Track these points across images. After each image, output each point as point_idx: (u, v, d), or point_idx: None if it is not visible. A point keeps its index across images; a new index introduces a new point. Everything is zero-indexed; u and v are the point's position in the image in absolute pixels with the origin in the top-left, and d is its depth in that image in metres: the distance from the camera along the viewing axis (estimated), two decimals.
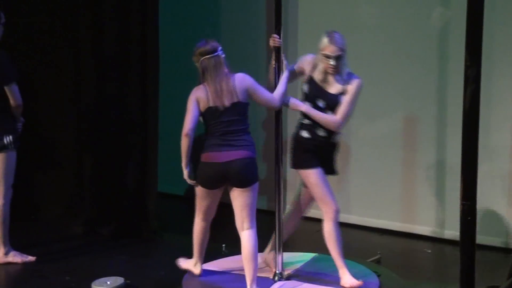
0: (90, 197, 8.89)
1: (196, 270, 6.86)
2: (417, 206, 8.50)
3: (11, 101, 7.40)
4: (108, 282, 7.05)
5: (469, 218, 3.45)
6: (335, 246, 6.67)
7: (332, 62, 6.09)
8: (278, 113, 7.12)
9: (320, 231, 8.48)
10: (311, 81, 6.33)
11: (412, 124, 8.51)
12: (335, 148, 6.61)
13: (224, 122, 6.40)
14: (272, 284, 6.87)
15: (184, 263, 6.96)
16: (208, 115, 6.47)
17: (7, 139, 7.47)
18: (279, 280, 6.91)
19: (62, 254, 8.04)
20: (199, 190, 6.70)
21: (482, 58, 3.83)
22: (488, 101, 6.83)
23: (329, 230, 6.69)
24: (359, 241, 8.36)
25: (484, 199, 6.66)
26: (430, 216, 8.40)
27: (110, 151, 8.87)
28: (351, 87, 6.25)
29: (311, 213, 8.88)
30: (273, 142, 7.27)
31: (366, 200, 8.80)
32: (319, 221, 8.74)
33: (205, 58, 6.63)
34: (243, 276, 6.87)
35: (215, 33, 9.73)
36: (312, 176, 6.40)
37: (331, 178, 8.76)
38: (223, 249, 7.88)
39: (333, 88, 6.27)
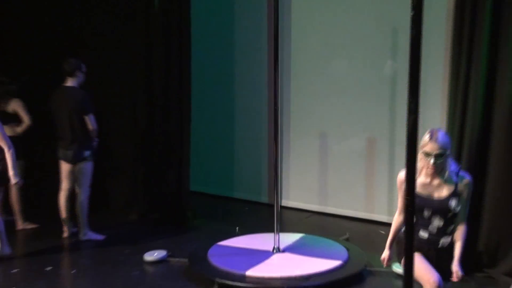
0: (143, 194, 8.91)
1: None
2: (375, 200, 8.44)
3: (89, 127, 7.51)
4: (155, 253, 7.20)
5: (410, 209, 3.51)
6: None
7: (432, 160, 4.43)
8: (275, 119, 7.06)
9: (307, 218, 8.64)
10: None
11: (372, 142, 8.45)
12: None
13: None
14: (272, 255, 6.92)
15: None
16: None
17: (87, 153, 7.59)
18: (276, 252, 6.95)
19: (123, 234, 8.12)
20: None
21: (420, 100, 3.88)
22: (423, 126, 6.84)
23: None
24: (333, 225, 8.35)
25: None
26: (384, 207, 8.28)
27: (156, 161, 8.84)
28: (465, 189, 4.55)
29: (300, 205, 9.02)
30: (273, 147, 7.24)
31: (338, 196, 8.71)
32: (307, 211, 8.92)
33: None
34: (251, 250, 7.05)
35: (230, 56, 9.64)
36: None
37: (314, 179, 8.98)
38: (237, 230, 7.90)
39: (440, 192, 4.51)
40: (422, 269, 4.46)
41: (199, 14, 8.89)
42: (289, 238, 7.40)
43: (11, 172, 6.88)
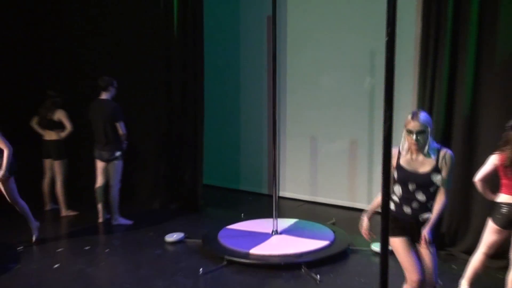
0: (164, 186, 8.92)
1: None
2: (357, 191, 8.47)
3: (120, 132, 7.59)
4: (174, 235, 7.26)
5: (386, 198, 3.46)
6: None
7: (414, 137, 4.23)
8: (274, 124, 7.04)
9: (300, 206, 8.66)
10: (398, 167, 4.36)
11: (354, 143, 8.45)
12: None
13: None
14: (271, 236, 6.99)
15: None
16: None
17: (117, 153, 7.67)
18: (275, 234, 7.03)
19: (147, 220, 8.15)
20: None
21: (394, 105, 3.79)
22: (396, 132, 6.65)
23: None
24: (322, 212, 8.37)
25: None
26: (364, 197, 8.31)
27: (174, 159, 8.82)
28: (446, 163, 4.30)
29: (294, 195, 9.03)
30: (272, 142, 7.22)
31: (326, 188, 8.71)
32: (300, 200, 8.97)
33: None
34: (254, 232, 7.09)
35: (236, 71, 9.59)
36: (395, 244, 4.38)
37: (306, 174, 8.97)
38: (242, 216, 7.95)
39: (424, 167, 4.28)
40: (407, 262, 4.33)
41: (211, 35, 8.90)
42: (285, 223, 7.42)
43: (3, 167, 6.73)
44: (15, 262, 6.64)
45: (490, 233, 5.35)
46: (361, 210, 7.93)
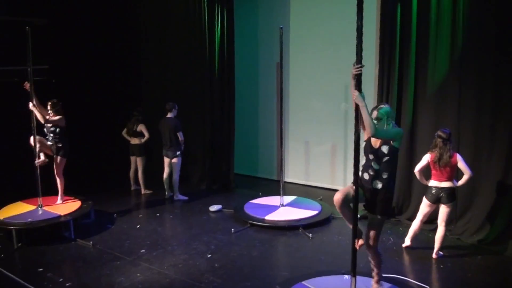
0: (208, 173, 8.63)
1: None
2: (336, 178, 8.16)
3: (180, 138, 7.54)
4: (215, 207, 7.23)
5: (356, 191, 3.41)
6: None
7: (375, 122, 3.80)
8: (281, 132, 6.97)
9: (297, 188, 8.42)
10: (366, 141, 3.98)
11: (335, 146, 8.12)
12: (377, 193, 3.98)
13: None
14: (279, 208, 6.93)
15: None
16: None
17: (178, 153, 7.61)
18: (282, 206, 6.96)
19: (197, 196, 7.98)
20: None
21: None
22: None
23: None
24: (313, 192, 8.06)
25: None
26: (340, 181, 8.01)
27: (215, 155, 8.55)
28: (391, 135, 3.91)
29: (294, 180, 8.71)
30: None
31: (316, 174, 8.44)
32: (298, 184, 8.70)
33: None
34: (268, 205, 7.00)
35: (255, 83, 9.00)
36: None
37: (302, 166, 8.71)
38: (260, 194, 7.77)
39: (379, 142, 3.91)
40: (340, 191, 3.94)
41: (240, 56, 8.49)
42: (288, 199, 7.32)
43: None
44: (110, 223, 6.73)
45: (424, 206, 5.43)
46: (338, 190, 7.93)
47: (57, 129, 6.58)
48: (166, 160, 7.77)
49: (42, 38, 7.53)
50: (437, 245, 5.29)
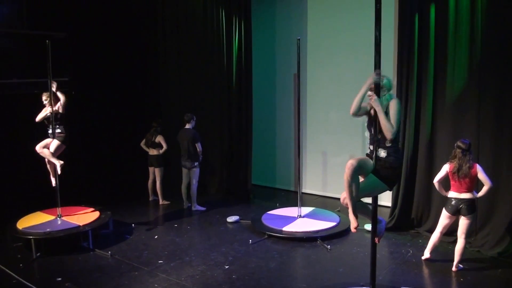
0: (226, 183, 8.71)
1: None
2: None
3: (198, 149, 7.58)
4: (233, 217, 7.21)
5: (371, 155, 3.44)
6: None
7: (369, 93, 3.87)
8: (298, 137, 6.94)
9: (316, 199, 8.40)
10: (368, 116, 4.07)
11: (352, 156, 7.94)
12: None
13: None
14: (297, 219, 6.89)
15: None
16: None
17: (196, 164, 7.65)
18: (299, 217, 6.92)
19: (215, 206, 7.97)
20: None
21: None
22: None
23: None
24: (331, 203, 7.95)
25: None
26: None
27: (232, 166, 8.57)
28: (390, 106, 3.85)
29: (312, 191, 8.62)
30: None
31: (333, 186, 8.22)
32: (315, 195, 8.65)
33: None
34: (286, 216, 6.95)
35: (272, 94, 8.98)
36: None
37: (319, 179, 8.60)
38: (277, 205, 7.78)
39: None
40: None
41: (257, 66, 8.49)
42: (306, 210, 7.30)
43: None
44: (129, 234, 6.78)
45: (443, 218, 5.36)
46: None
47: (58, 115, 6.47)
48: (184, 171, 7.82)
49: (62, 51, 7.69)
50: (457, 257, 5.22)
